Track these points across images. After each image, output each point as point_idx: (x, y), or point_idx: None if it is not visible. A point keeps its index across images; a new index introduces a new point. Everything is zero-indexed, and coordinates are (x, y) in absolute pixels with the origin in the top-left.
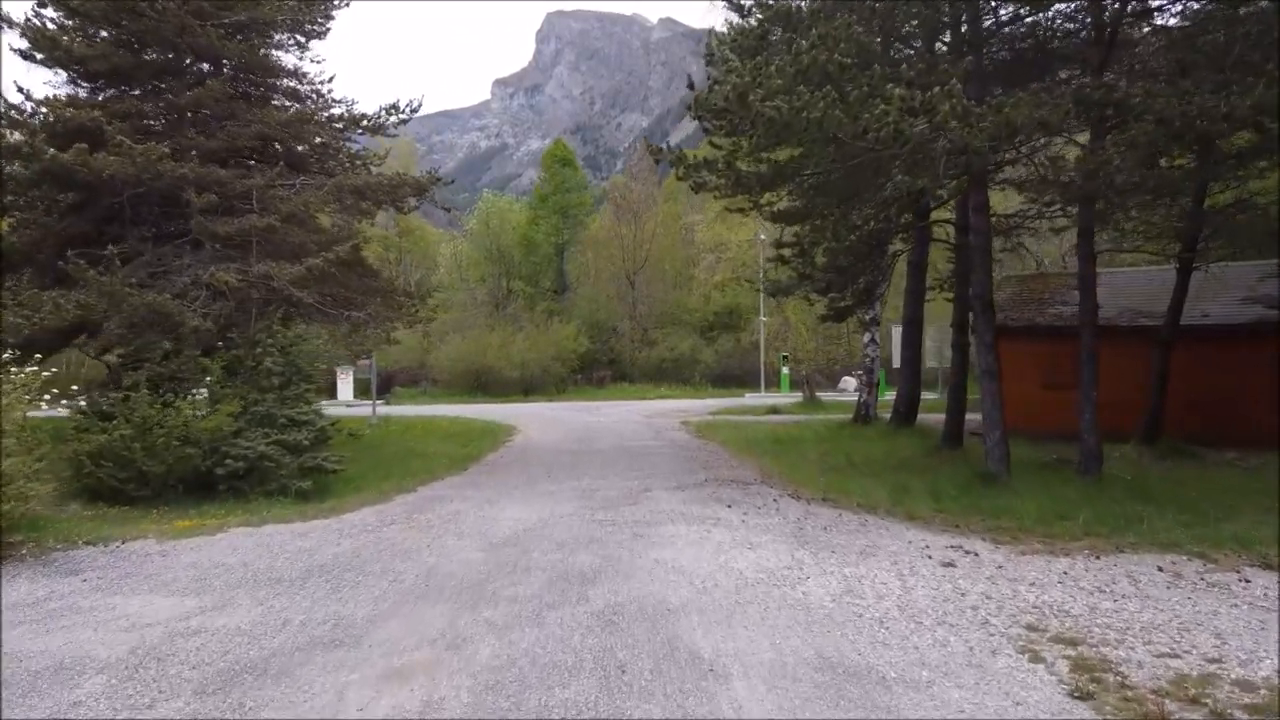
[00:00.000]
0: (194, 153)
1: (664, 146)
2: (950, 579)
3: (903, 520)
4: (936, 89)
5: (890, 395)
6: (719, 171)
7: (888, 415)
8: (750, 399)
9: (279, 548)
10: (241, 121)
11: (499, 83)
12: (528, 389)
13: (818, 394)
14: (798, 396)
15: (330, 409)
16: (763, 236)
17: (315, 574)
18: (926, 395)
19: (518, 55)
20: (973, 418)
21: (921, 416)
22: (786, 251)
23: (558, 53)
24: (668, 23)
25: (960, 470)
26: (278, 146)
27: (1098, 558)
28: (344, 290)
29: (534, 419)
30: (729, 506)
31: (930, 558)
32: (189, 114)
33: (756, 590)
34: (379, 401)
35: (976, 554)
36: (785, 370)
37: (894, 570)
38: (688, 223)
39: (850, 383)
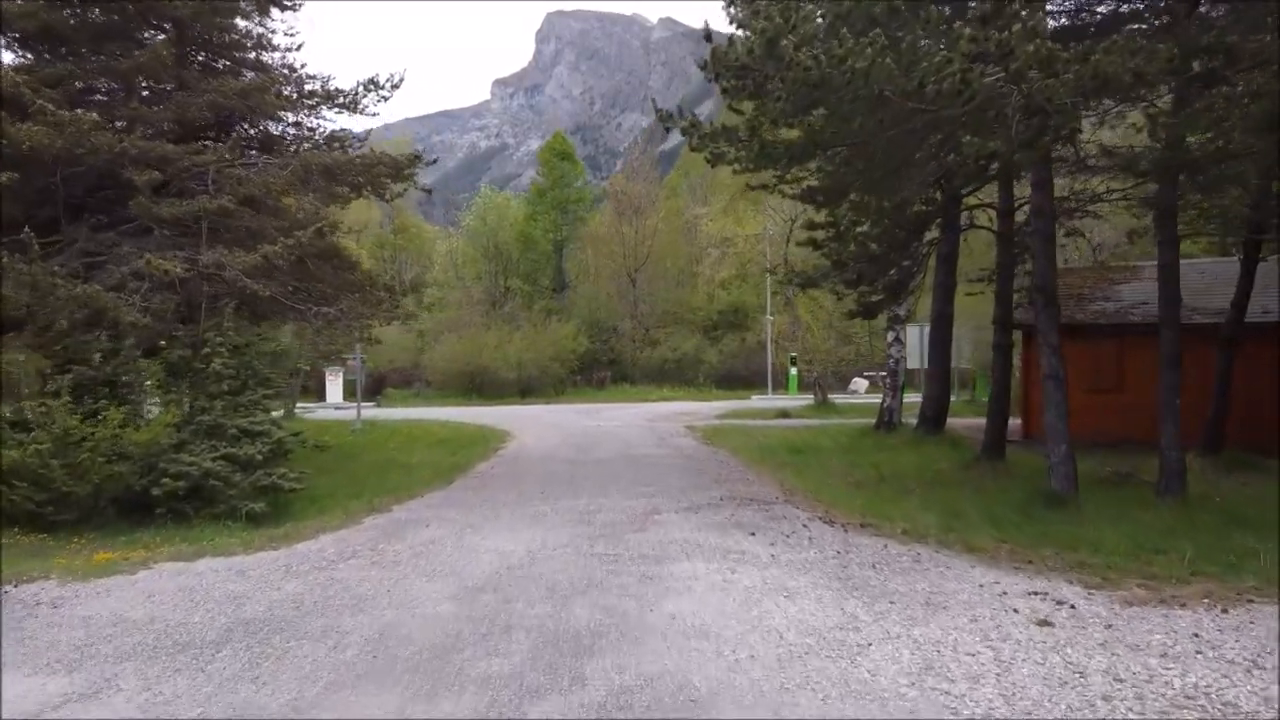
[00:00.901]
0: (138, 126)
1: (674, 113)
2: (1054, 647)
3: (961, 553)
4: (1016, 27)
5: (907, 399)
6: (740, 141)
7: (908, 420)
8: (757, 401)
9: (205, 593)
10: (195, 91)
11: (499, 83)
12: (525, 390)
13: (829, 396)
14: (808, 399)
15: (320, 411)
16: (771, 231)
17: (237, 635)
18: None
19: (518, 55)
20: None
21: (949, 422)
22: (820, 234)
23: (558, 53)
24: (668, 23)
25: (1013, 488)
26: (247, 128)
27: (1224, 610)
28: (318, 284)
29: (530, 423)
30: (752, 534)
31: (1016, 611)
32: (140, 83)
33: (807, 666)
34: (369, 404)
35: (1072, 605)
36: (793, 371)
37: (977, 632)
38: (693, 216)
39: (861, 384)
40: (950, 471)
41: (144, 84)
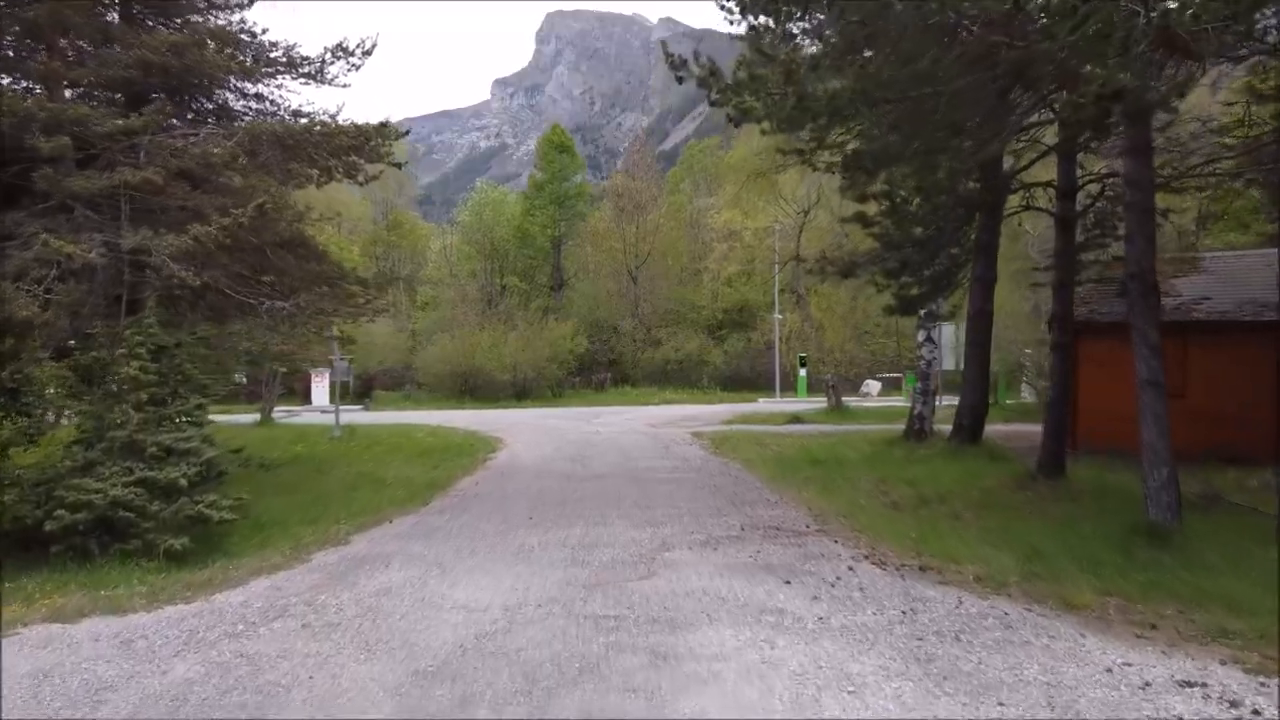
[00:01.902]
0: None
1: (689, 59)
2: None
3: (1060, 612)
4: None
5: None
6: (771, 91)
7: (939, 427)
8: (765, 404)
9: (62, 681)
10: (124, 45)
11: (499, 83)
12: (520, 393)
13: (842, 400)
14: (819, 402)
15: (305, 415)
16: (778, 226)
17: None
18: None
19: (518, 55)
20: (1010, 429)
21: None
22: (872, 208)
23: (558, 53)
24: (668, 23)
25: (1085, 514)
26: (204, 103)
27: None
28: (280, 276)
29: (524, 429)
30: (787, 583)
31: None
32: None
33: None
34: (357, 408)
35: (1255, 711)
36: (802, 373)
37: None
38: (697, 210)
39: (874, 387)
40: (1001, 491)
41: (70, 43)
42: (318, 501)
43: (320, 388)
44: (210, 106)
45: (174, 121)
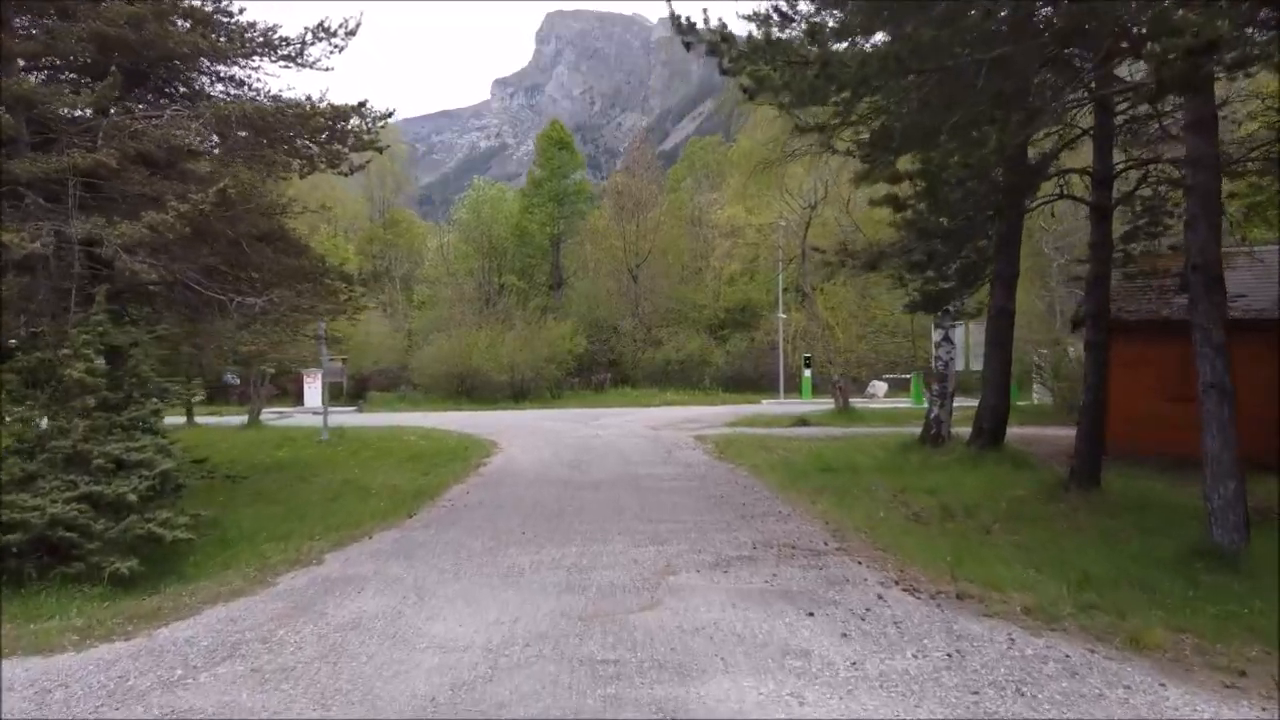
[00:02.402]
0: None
1: (699, 22)
2: None
3: (1131, 654)
4: None
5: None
6: (791, 59)
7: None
8: (769, 406)
9: None
10: (73, 19)
11: (499, 83)
12: (518, 394)
13: (849, 401)
14: (825, 404)
15: (297, 416)
16: (783, 222)
17: None
18: (962, 403)
19: (518, 55)
20: (1027, 432)
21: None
22: (905, 189)
23: (558, 53)
24: (668, 23)
25: (1135, 531)
26: (179, 87)
27: None
28: (256, 271)
29: (521, 432)
30: (811, 615)
31: None
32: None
33: None
34: (350, 409)
35: None
36: (807, 374)
37: None
38: (699, 205)
39: (880, 387)
40: (1032, 502)
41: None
42: (294, 514)
43: (313, 389)
44: (182, 90)
45: (139, 106)
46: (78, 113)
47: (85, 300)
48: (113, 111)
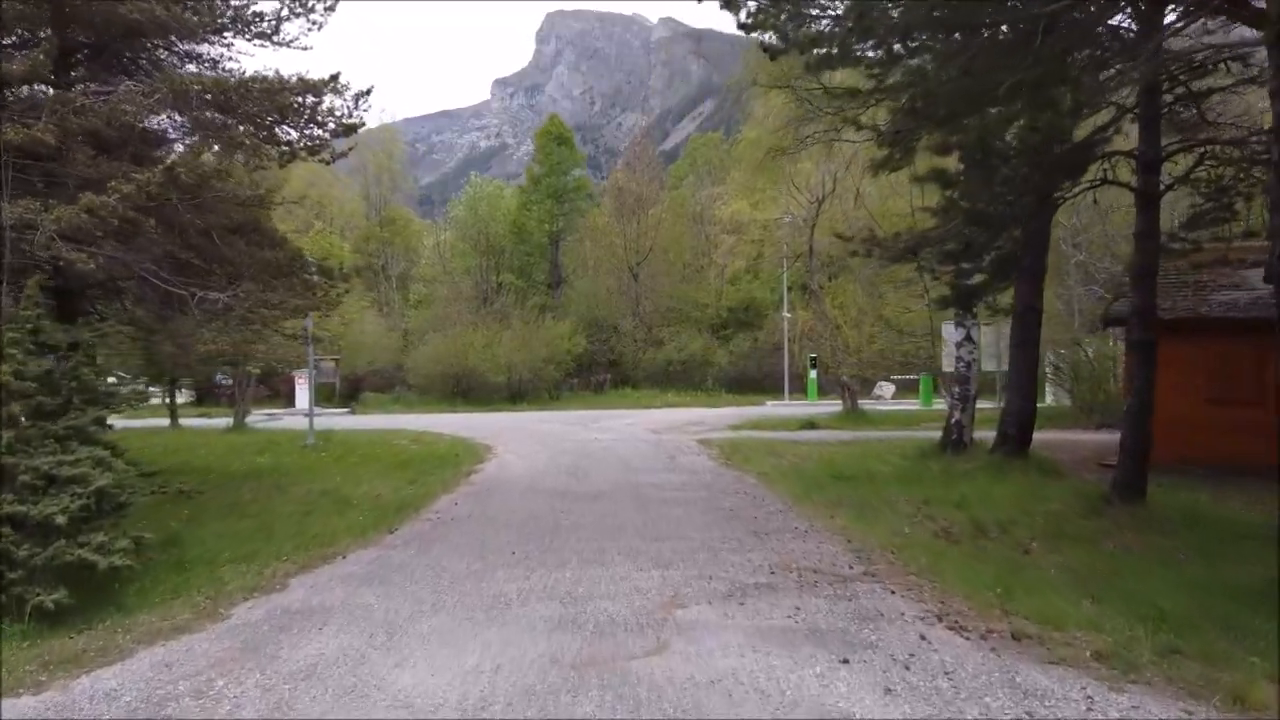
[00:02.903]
0: None
1: None
2: None
3: (1237, 717)
4: None
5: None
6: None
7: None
8: (774, 408)
9: None
10: None
11: (499, 82)
12: (515, 395)
13: (858, 403)
14: (832, 406)
15: (287, 419)
16: (788, 218)
17: None
18: (983, 405)
19: (518, 55)
20: (1048, 436)
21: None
22: (949, 161)
23: (558, 53)
24: (668, 22)
25: (1195, 553)
26: (144, 66)
27: None
28: (225, 265)
29: (517, 435)
30: (845, 662)
31: None
32: None
33: None
34: (343, 411)
35: None
36: (812, 375)
37: None
38: (702, 200)
39: (887, 389)
40: (1072, 518)
41: None
42: (263, 530)
43: (304, 390)
44: (147, 69)
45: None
46: (25, 90)
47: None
48: (73, 87)
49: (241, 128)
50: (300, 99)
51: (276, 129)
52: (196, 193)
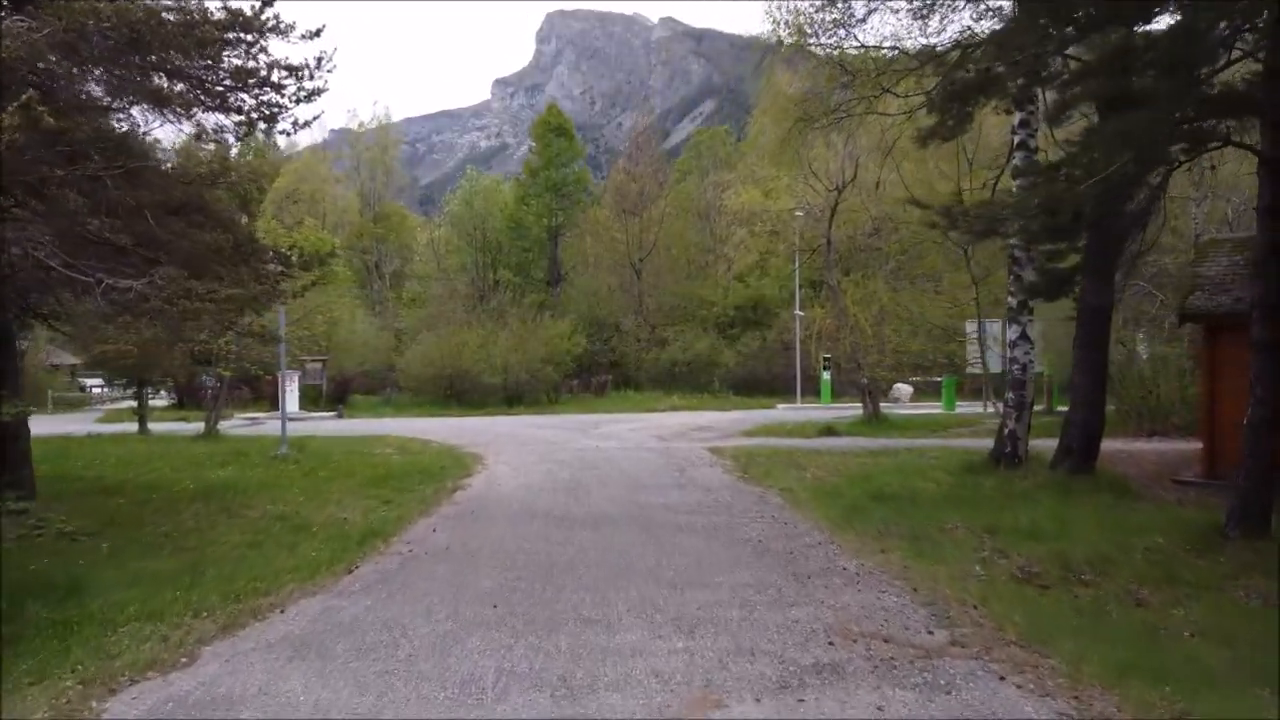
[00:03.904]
0: None
1: None
2: None
3: None
4: None
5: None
6: None
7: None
8: (786, 412)
9: None
10: None
11: (499, 82)
12: (512, 398)
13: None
14: (847, 409)
15: (270, 424)
16: (800, 212)
17: None
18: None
19: (518, 55)
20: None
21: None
22: (1082, 88)
23: (558, 53)
24: (668, 22)
25: None
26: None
27: None
28: (156, 248)
29: (511, 443)
30: None
31: None
32: None
33: None
34: (330, 414)
35: None
36: (826, 376)
37: None
38: (710, 194)
39: (904, 391)
40: (1179, 555)
41: None
42: (191, 570)
43: (290, 392)
44: None
45: None
46: None
47: None
48: None
49: (180, 86)
50: (229, 35)
51: (230, 96)
52: (113, 157)
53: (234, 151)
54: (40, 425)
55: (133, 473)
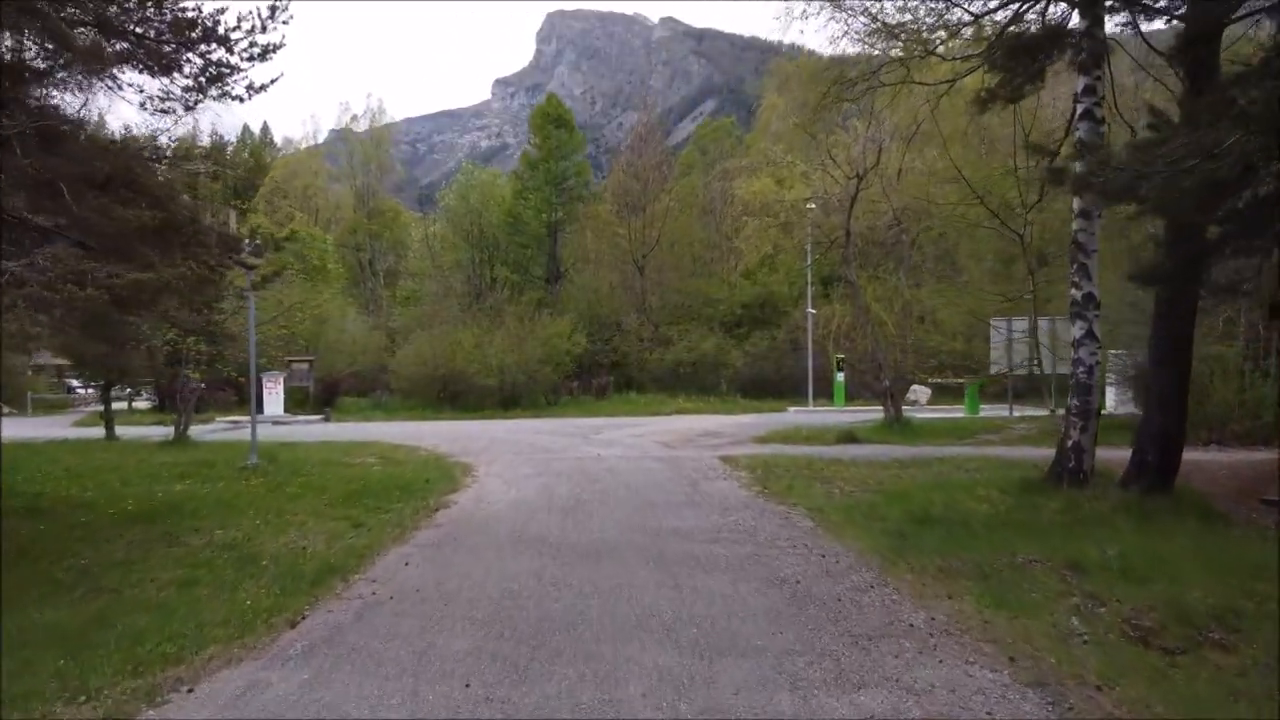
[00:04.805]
0: None
1: None
2: None
3: None
4: None
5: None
6: None
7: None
8: (799, 415)
9: None
10: None
11: (499, 82)
12: (508, 401)
13: (901, 412)
14: (863, 413)
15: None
16: (812, 206)
17: None
18: (1023, 412)
19: (518, 55)
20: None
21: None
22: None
23: (559, 52)
24: (668, 22)
25: None
26: None
27: None
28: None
29: (505, 451)
30: None
31: None
32: None
33: None
34: (317, 417)
35: None
36: (840, 378)
37: None
38: (720, 173)
39: (922, 394)
40: None
41: None
42: (100, 620)
43: (274, 394)
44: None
45: None
46: None
47: None
48: None
49: (117, 45)
50: None
51: (174, 54)
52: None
53: (222, 142)
54: (14, 429)
55: (76, 488)
